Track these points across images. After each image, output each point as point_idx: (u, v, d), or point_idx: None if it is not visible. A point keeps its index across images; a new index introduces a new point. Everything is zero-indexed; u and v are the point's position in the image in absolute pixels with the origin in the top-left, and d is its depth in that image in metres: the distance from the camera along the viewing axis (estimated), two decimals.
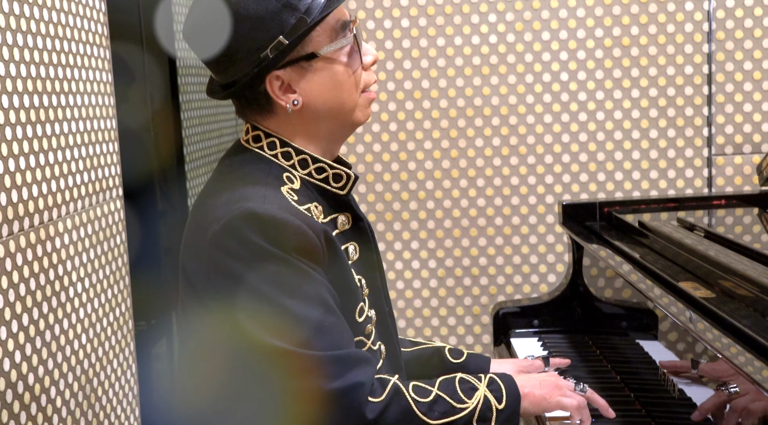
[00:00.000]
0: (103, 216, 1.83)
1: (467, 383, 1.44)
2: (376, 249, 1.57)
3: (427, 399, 1.39)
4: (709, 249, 1.79)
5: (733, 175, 2.87)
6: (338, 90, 1.45)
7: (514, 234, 2.92)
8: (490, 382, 1.46)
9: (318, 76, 1.43)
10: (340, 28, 1.43)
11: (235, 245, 1.32)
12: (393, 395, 1.36)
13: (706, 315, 1.50)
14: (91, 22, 1.81)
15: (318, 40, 1.41)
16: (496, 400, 1.43)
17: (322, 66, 1.43)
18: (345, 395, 1.32)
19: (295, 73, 1.42)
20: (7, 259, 1.40)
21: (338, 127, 1.48)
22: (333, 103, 1.45)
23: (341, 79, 1.44)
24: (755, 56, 2.81)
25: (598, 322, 2.18)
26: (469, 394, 1.42)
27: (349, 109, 1.47)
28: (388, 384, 1.38)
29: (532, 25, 2.85)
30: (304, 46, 1.41)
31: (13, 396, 1.40)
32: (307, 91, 1.43)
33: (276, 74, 1.41)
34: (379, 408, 1.34)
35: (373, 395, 1.35)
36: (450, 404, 1.40)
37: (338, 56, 1.44)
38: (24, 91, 1.49)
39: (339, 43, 1.43)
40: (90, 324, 1.73)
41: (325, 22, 1.41)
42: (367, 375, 1.35)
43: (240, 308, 1.32)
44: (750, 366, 1.29)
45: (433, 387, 1.41)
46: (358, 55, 1.46)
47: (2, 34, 1.43)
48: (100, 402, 1.76)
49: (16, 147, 1.45)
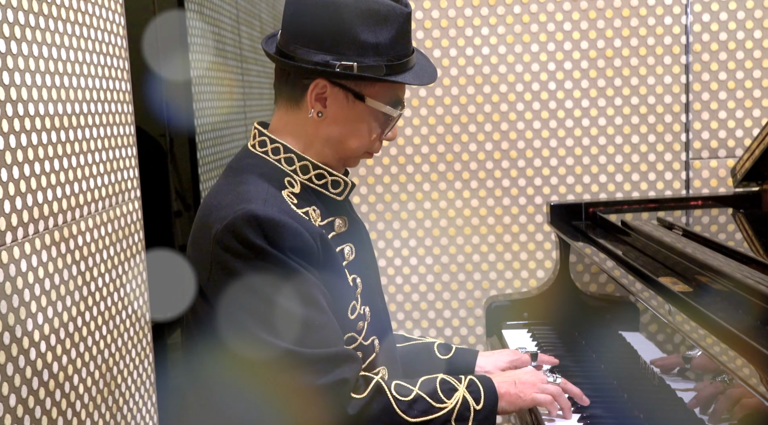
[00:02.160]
0: (122, 216, 1.83)
1: (447, 383, 1.43)
2: (370, 250, 1.57)
3: (407, 398, 1.38)
4: (687, 246, 1.79)
5: (709, 177, 2.87)
6: (352, 134, 1.45)
7: (505, 233, 2.92)
8: (470, 383, 1.45)
9: (349, 113, 1.43)
10: (395, 99, 1.45)
11: (236, 244, 1.32)
12: (375, 392, 1.36)
13: (684, 308, 1.50)
14: (112, 35, 1.81)
15: (375, 93, 1.42)
16: (474, 401, 1.42)
17: (359, 111, 1.43)
18: (330, 390, 1.32)
19: (337, 96, 1.42)
20: (33, 256, 1.41)
21: (334, 155, 1.48)
22: (341, 138, 1.45)
23: (362, 131, 1.45)
24: (729, 67, 2.81)
25: (583, 315, 2.18)
26: (449, 395, 1.41)
27: (348, 150, 1.47)
28: (371, 381, 1.37)
29: (522, 38, 2.85)
30: (362, 86, 1.41)
31: (38, 383, 1.40)
32: (332, 114, 1.43)
33: (325, 83, 1.41)
34: (361, 404, 1.34)
35: (357, 392, 1.35)
36: (429, 403, 1.39)
37: (375, 116, 1.44)
38: (49, 99, 1.49)
39: (385, 109, 1.44)
40: (110, 316, 1.73)
41: (392, 86, 1.43)
42: (352, 372, 1.35)
43: (237, 304, 1.32)
44: (725, 355, 1.29)
45: (415, 386, 1.40)
46: (387, 128, 1.47)
47: (29, 46, 1.43)
48: (120, 389, 1.76)
49: (41, 151, 1.45)
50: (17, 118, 1.38)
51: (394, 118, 1.46)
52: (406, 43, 1.43)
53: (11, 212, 1.34)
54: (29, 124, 1.42)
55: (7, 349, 1.30)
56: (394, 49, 1.40)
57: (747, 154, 2.23)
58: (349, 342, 1.44)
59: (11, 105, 1.36)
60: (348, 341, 1.44)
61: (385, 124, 1.46)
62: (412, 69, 1.44)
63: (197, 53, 2.52)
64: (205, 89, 2.65)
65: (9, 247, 1.33)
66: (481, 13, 2.84)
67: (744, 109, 2.83)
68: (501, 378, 1.52)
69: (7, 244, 1.32)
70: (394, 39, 1.40)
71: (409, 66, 1.43)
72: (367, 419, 1.34)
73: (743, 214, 2.30)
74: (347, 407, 1.33)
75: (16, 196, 1.36)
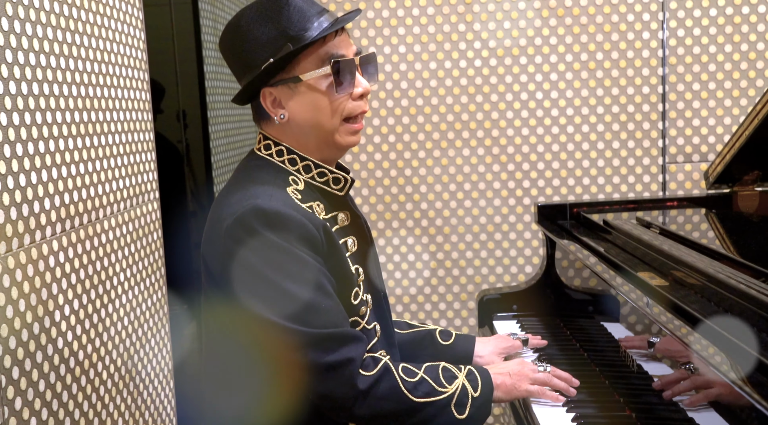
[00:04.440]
0: (142, 216, 1.83)
1: (449, 371, 1.44)
2: (371, 242, 1.57)
3: (413, 379, 1.38)
4: (664, 244, 1.79)
5: (684, 180, 2.87)
6: (317, 112, 1.42)
7: (496, 231, 2.92)
8: (469, 373, 1.45)
9: (301, 98, 1.42)
10: (326, 60, 1.40)
11: (245, 236, 1.32)
12: (383, 372, 1.36)
13: (661, 300, 1.51)
14: (132, 49, 1.81)
15: (304, 67, 1.40)
16: (473, 389, 1.42)
17: (305, 90, 1.41)
18: (337, 367, 1.32)
19: (283, 91, 1.42)
20: (61, 253, 1.41)
21: (322, 143, 1.45)
22: (313, 122, 1.43)
23: (320, 103, 1.42)
24: (702, 78, 2.82)
25: (568, 307, 2.18)
26: (450, 381, 1.42)
27: (328, 131, 1.44)
28: (380, 362, 1.38)
29: (511, 51, 2.85)
30: (291, 69, 1.40)
31: (65, 369, 1.40)
32: (292, 109, 1.42)
33: (269, 90, 1.42)
34: (370, 380, 1.34)
35: (366, 369, 1.35)
36: (433, 386, 1.39)
37: (319, 84, 1.41)
38: (75, 108, 1.50)
39: (318, 72, 1.40)
40: (131, 308, 1.74)
41: (312, 52, 1.40)
42: (358, 351, 1.35)
43: (248, 290, 1.32)
44: (698, 344, 1.29)
45: (420, 370, 1.41)
46: (343, 86, 1.41)
47: (56, 59, 1.43)
48: (140, 375, 1.76)
49: (68, 156, 1.46)
50: (45, 125, 1.38)
51: (339, 73, 1.40)
52: (305, 14, 1.40)
53: (40, 212, 1.34)
54: (57, 132, 1.42)
55: (36, 338, 1.30)
56: (295, 25, 1.38)
57: (719, 158, 2.23)
58: (353, 325, 1.44)
59: (40, 113, 1.36)
60: (352, 324, 1.44)
61: (337, 84, 1.41)
62: (319, 26, 1.40)
63: (211, 66, 2.53)
64: (218, 99, 2.66)
65: (38, 244, 1.33)
66: (474, 28, 2.84)
67: (716, 117, 2.84)
68: (496, 369, 1.53)
69: (37, 242, 1.33)
70: (292, 17, 1.38)
71: (313, 27, 1.39)
72: (376, 395, 1.34)
73: (715, 214, 2.30)
74: (357, 382, 1.33)
75: (44, 197, 1.36)
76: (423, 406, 1.37)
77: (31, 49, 1.34)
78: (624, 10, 2.81)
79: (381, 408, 1.35)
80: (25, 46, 1.33)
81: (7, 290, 1.23)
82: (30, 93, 1.33)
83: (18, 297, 1.26)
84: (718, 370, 1.20)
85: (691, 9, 2.80)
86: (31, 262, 1.30)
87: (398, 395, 1.36)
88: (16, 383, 1.24)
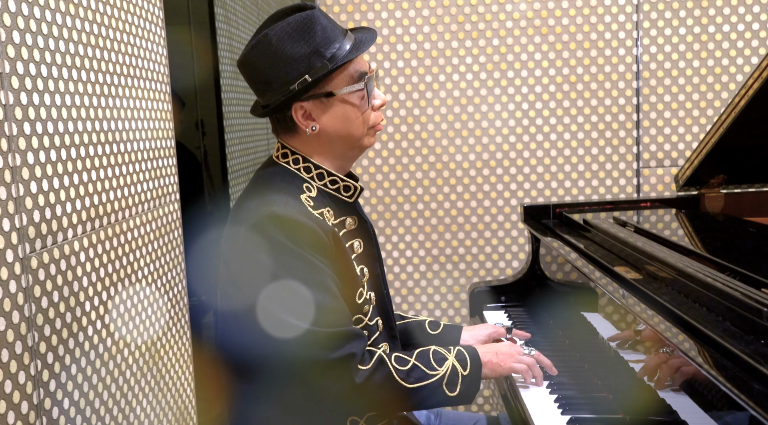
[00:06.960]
0: (164, 216, 1.84)
1: (439, 354, 1.43)
2: (376, 245, 1.57)
3: (405, 367, 1.38)
4: (638, 241, 1.80)
5: (656, 183, 2.87)
6: (348, 124, 1.43)
7: (486, 230, 2.93)
8: (458, 353, 1.45)
9: (333, 111, 1.41)
10: (356, 76, 1.41)
11: (262, 240, 1.32)
12: (378, 364, 1.36)
13: (636, 292, 1.51)
14: (155, 64, 1.82)
15: (337, 83, 1.40)
16: (462, 368, 1.42)
17: (338, 104, 1.41)
18: (341, 363, 1.32)
19: (316, 105, 1.41)
20: (90, 249, 1.41)
21: (348, 149, 1.46)
22: (343, 133, 1.43)
23: (351, 116, 1.42)
24: (673, 91, 2.82)
25: (551, 298, 2.19)
26: (440, 363, 1.41)
27: (356, 138, 1.45)
28: (374, 354, 1.37)
29: (500, 66, 2.86)
30: (324, 85, 1.40)
31: (95, 355, 1.41)
32: (323, 121, 1.42)
33: (301, 104, 1.41)
34: (366, 374, 1.34)
35: (362, 363, 1.34)
36: (424, 371, 1.39)
37: (351, 98, 1.42)
38: (103, 117, 1.50)
39: (352, 88, 1.41)
40: (154, 300, 1.74)
41: (344, 69, 1.40)
42: (359, 347, 1.35)
43: (263, 291, 1.32)
44: (669, 332, 1.30)
45: (411, 357, 1.40)
46: (368, 99, 1.43)
47: (84, 72, 1.44)
48: (162, 361, 1.77)
49: (97, 161, 1.46)
50: (77, 133, 1.38)
51: (365, 89, 1.42)
52: (332, 33, 1.39)
53: (72, 212, 1.35)
54: (87, 139, 1.43)
55: (69, 327, 1.31)
56: (326, 43, 1.37)
57: (688, 163, 2.24)
58: (357, 322, 1.45)
59: (72, 123, 1.37)
60: (356, 322, 1.44)
61: (365, 98, 1.43)
62: (351, 45, 1.40)
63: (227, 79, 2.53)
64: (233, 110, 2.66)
65: (70, 241, 1.33)
66: (466, 45, 2.85)
67: (685, 126, 2.84)
68: (484, 348, 1.52)
69: (69, 239, 1.33)
70: (322, 36, 1.37)
71: (345, 46, 1.40)
72: (371, 387, 1.34)
73: (685, 214, 2.30)
74: (355, 377, 1.33)
75: (76, 199, 1.36)
76: (416, 390, 1.37)
77: (64, 65, 1.35)
78: (602, 28, 2.82)
79: (377, 398, 1.35)
80: (59, 62, 1.33)
81: (42, 283, 1.23)
82: (63, 104, 1.33)
83: (52, 289, 1.26)
84: (686, 354, 1.20)
85: (663, 28, 2.80)
86: (63, 257, 1.30)
87: (392, 383, 1.36)
88: (51, 367, 1.24)
